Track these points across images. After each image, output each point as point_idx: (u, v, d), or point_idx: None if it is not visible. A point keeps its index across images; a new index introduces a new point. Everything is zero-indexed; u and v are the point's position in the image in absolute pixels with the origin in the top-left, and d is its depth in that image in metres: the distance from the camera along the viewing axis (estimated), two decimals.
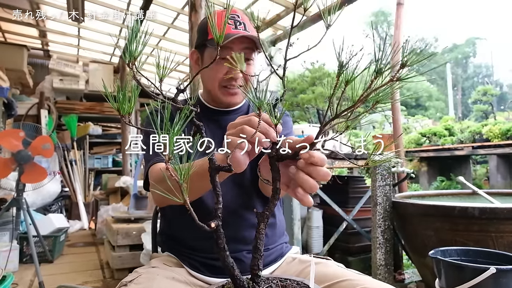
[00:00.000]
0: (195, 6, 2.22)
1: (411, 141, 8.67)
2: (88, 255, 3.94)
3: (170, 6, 4.32)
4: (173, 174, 0.59)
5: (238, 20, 1.11)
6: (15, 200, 3.09)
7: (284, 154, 0.72)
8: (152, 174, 1.07)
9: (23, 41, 5.94)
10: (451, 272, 1.50)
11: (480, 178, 8.46)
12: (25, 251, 3.41)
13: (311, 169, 0.68)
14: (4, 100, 4.03)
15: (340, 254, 3.10)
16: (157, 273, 1.01)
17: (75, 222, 5.40)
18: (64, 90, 6.50)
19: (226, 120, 1.22)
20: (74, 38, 5.87)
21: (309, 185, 0.69)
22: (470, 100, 13.69)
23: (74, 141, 6.21)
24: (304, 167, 0.69)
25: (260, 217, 0.71)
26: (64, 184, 5.84)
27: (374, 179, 2.56)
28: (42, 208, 4.87)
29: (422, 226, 2.25)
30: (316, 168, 0.68)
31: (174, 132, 0.59)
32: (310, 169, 0.68)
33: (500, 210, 1.91)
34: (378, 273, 2.50)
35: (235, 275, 0.68)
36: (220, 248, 0.68)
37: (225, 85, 1.15)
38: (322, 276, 0.99)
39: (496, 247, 1.91)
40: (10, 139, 3.02)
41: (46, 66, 6.60)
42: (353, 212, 2.91)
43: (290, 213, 2.58)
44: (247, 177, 1.17)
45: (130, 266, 3.06)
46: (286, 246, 1.24)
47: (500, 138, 6.61)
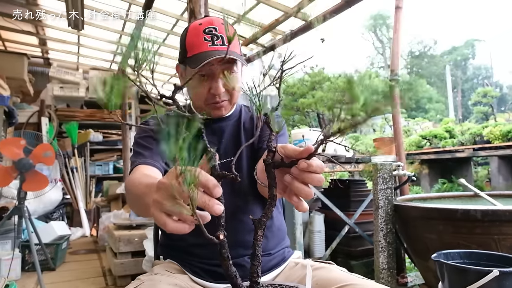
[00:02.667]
0: (194, 12, 2.22)
1: (412, 144, 8.66)
2: (90, 262, 3.93)
3: (170, 13, 4.34)
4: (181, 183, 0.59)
5: (216, 34, 1.08)
6: (16, 208, 3.09)
7: (281, 162, 0.72)
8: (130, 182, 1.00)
9: (23, 49, 5.96)
10: (454, 275, 1.49)
11: (482, 180, 8.44)
12: (27, 259, 3.40)
13: (305, 176, 0.69)
14: (5, 108, 4.04)
15: (342, 258, 3.09)
16: (159, 280, 1.01)
17: (76, 229, 5.39)
18: (64, 97, 6.51)
19: (220, 126, 1.23)
20: (74, 46, 5.89)
21: (305, 193, 0.70)
22: (470, 102, 13.68)
23: (75, 148, 6.22)
24: (299, 175, 0.69)
25: (257, 223, 0.71)
26: (66, 191, 5.84)
27: (376, 182, 2.56)
28: (43, 216, 4.87)
29: (424, 229, 2.25)
30: (310, 175, 0.69)
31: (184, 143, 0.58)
32: (305, 176, 0.69)
33: (502, 212, 1.91)
34: (381, 277, 2.49)
35: (237, 284, 0.68)
36: (224, 257, 0.67)
37: (211, 102, 1.15)
38: (324, 281, 0.99)
39: (499, 249, 1.91)
40: (11, 148, 3.02)
41: (46, 74, 6.61)
42: (355, 216, 2.90)
43: (291, 217, 2.58)
44: (246, 180, 1.17)
45: (133, 273, 3.05)
46: (288, 250, 1.24)
47: (501, 139, 6.60)
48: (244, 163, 1.19)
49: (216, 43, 1.08)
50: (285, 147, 0.74)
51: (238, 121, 1.26)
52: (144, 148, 1.16)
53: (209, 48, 1.07)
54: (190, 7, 2.26)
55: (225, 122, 1.24)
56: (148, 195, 0.77)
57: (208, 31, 1.09)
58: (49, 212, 5.04)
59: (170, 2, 4.08)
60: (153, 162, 1.11)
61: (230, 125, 1.24)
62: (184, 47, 1.14)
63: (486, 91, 10.41)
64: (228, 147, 1.20)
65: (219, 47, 1.07)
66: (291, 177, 0.71)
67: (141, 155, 1.14)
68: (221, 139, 1.21)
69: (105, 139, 6.86)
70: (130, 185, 0.98)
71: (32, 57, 5.96)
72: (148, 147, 1.15)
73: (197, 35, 1.09)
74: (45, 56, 6.66)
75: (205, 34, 1.08)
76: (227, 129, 1.23)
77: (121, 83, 0.64)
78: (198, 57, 1.07)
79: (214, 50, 1.07)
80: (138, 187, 0.91)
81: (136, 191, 0.92)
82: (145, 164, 1.10)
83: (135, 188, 0.93)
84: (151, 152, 1.14)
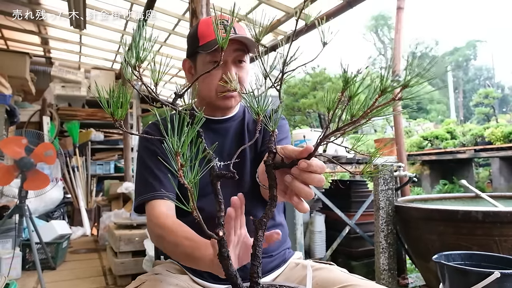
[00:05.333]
0: (196, 12, 2.22)
1: (413, 145, 8.66)
2: (91, 261, 3.94)
3: (171, 13, 4.35)
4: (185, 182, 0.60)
5: (227, 25, 1.10)
6: (17, 207, 3.09)
7: (281, 163, 0.72)
8: (154, 223, 1.04)
9: (25, 48, 5.98)
10: (455, 277, 1.49)
11: (483, 181, 8.43)
12: (27, 258, 3.40)
13: (305, 176, 0.68)
14: (7, 107, 4.04)
15: (343, 259, 3.09)
16: (160, 280, 1.01)
17: (77, 228, 5.40)
18: (66, 96, 6.53)
19: (223, 128, 1.22)
20: (75, 45, 5.90)
21: (305, 193, 0.70)
22: (471, 103, 13.67)
23: (76, 147, 6.23)
24: (299, 175, 0.69)
25: (258, 224, 0.71)
26: (66, 190, 5.84)
27: (377, 183, 2.55)
28: (44, 214, 4.87)
29: (425, 230, 2.24)
30: (310, 175, 0.68)
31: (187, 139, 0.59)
32: (305, 176, 0.68)
33: (503, 214, 1.91)
34: (381, 277, 2.49)
35: (238, 284, 0.68)
36: (224, 256, 0.67)
37: (221, 91, 1.15)
38: (325, 281, 0.98)
39: (500, 251, 1.90)
40: (12, 146, 3.03)
41: (48, 73, 6.63)
42: (356, 217, 2.90)
43: (292, 218, 2.58)
44: (248, 182, 1.16)
45: (133, 272, 3.05)
46: (288, 251, 1.24)
47: (502, 140, 6.59)
48: (248, 167, 1.18)
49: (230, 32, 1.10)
50: (285, 148, 0.74)
51: (242, 121, 1.25)
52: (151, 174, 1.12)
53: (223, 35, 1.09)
54: (192, 7, 2.26)
55: (229, 123, 1.23)
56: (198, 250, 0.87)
57: (220, 23, 1.10)
58: (50, 211, 5.04)
59: (172, 1, 4.08)
60: (164, 194, 1.08)
61: (234, 126, 1.24)
62: (196, 38, 1.16)
63: (487, 92, 10.41)
64: (232, 148, 1.20)
65: (232, 35, 1.09)
66: (291, 177, 0.70)
67: (151, 187, 1.10)
68: (226, 139, 1.21)
69: (106, 138, 6.87)
70: (165, 233, 0.99)
71: (34, 56, 5.97)
72: (156, 175, 1.11)
73: (210, 24, 1.13)
74: (47, 55, 6.68)
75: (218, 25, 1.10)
76: (231, 130, 1.23)
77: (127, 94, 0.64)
78: (212, 42, 1.10)
79: None
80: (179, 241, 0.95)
81: (175, 241, 0.96)
82: (157, 199, 1.08)
83: (173, 237, 0.97)
84: (160, 180, 1.10)
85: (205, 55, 1.13)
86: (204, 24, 1.17)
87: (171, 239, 0.96)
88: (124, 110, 0.65)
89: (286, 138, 1.25)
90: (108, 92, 0.64)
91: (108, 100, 0.63)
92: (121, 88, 0.64)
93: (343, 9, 3.34)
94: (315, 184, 0.69)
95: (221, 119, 1.22)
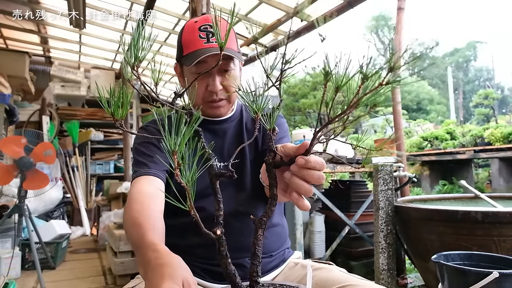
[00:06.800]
0: (196, 12, 2.22)
1: (413, 145, 8.66)
2: (90, 261, 3.94)
3: (171, 12, 4.35)
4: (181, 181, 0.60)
5: (211, 31, 1.07)
6: (17, 207, 3.09)
7: (281, 161, 0.72)
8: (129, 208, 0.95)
9: (24, 47, 5.98)
10: (454, 277, 1.49)
11: (482, 181, 8.44)
12: (27, 257, 3.40)
13: (304, 172, 0.68)
14: (6, 106, 4.04)
15: (342, 259, 3.09)
16: None
17: (77, 228, 5.40)
18: (65, 96, 6.53)
19: (221, 129, 1.22)
20: (75, 45, 5.90)
21: (304, 190, 0.69)
22: (471, 104, 13.68)
23: (75, 147, 6.22)
24: (298, 172, 0.69)
25: (258, 223, 0.71)
26: (66, 190, 5.84)
27: (376, 183, 2.55)
28: (44, 214, 4.87)
29: (424, 231, 2.24)
30: (309, 172, 0.68)
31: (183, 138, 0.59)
32: (304, 172, 0.68)
33: (503, 214, 1.91)
34: (381, 277, 2.49)
35: (236, 283, 0.68)
36: (222, 255, 0.67)
37: (208, 100, 1.13)
38: (324, 281, 0.98)
39: (499, 251, 1.91)
40: (12, 146, 3.03)
41: (48, 73, 6.62)
42: (355, 217, 2.90)
43: (292, 218, 2.58)
44: (248, 181, 1.16)
45: (133, 272, 3.05)
46: (288, 251, 1.24)
47: (502, 141, 6.60)
48: (248, 168, 1.17)
49: (212, 40, 1.07)
50: (284, 146, 0.74)
51: (240, 121, 1.25)
52: (144, 156, 1.10)
53: (204, 45, 1.06)
54: (192, 6, 2.26)
55: (227, 124, 1.22)
56: (140, 249, 0.78)
57: (203, 28, 1.08)
58: (49, 210, 5.04)
59: (172, 1, 4.08)
60: (155, 172, 1.06)
61: (232, 127, 1.23)
62: (180, 46, 1.14)
63: (487, 93, 10.41)
64: (232, 149, 1.19)
65: (214, 44, 1.06)
66: (290, 174, 0.70)
67: (143, 164, 1.08)
68: (224, 140, 1.20)
69: (106, 138, 6.87)
70: (128, 213, 0.92)
71: (33, 56, 5.98)
72: (149, 155, 1.09)
73: (192, 32, 1.09)
74: (47, 54, 6.67)
75: (200, 32, 1.07)
76: (229, 131, 1.22)
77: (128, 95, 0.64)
78: (193, 54, 1.07)
79: (209, 47, 1.06)
80: (133, 229, 0.86)
81: (130, 230, 0.88)
82: (147, 175, 1.04)
83: (131, 223, 0.88)
84: (153, 160, 1.08)
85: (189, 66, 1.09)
86: (189, 29, 1.11)
87: (128, 224, 0.90)
88: (125, 110, 0.65)
89: (286, 136, 1.25)
90: (108, 92, 0.64)
91: (108, 100, 0.63)
92: (122, 88, 0.63)
93: (343, 9, 3.35)
94: (315, 181, 0.69)
95: (218, 120, 1.21)
